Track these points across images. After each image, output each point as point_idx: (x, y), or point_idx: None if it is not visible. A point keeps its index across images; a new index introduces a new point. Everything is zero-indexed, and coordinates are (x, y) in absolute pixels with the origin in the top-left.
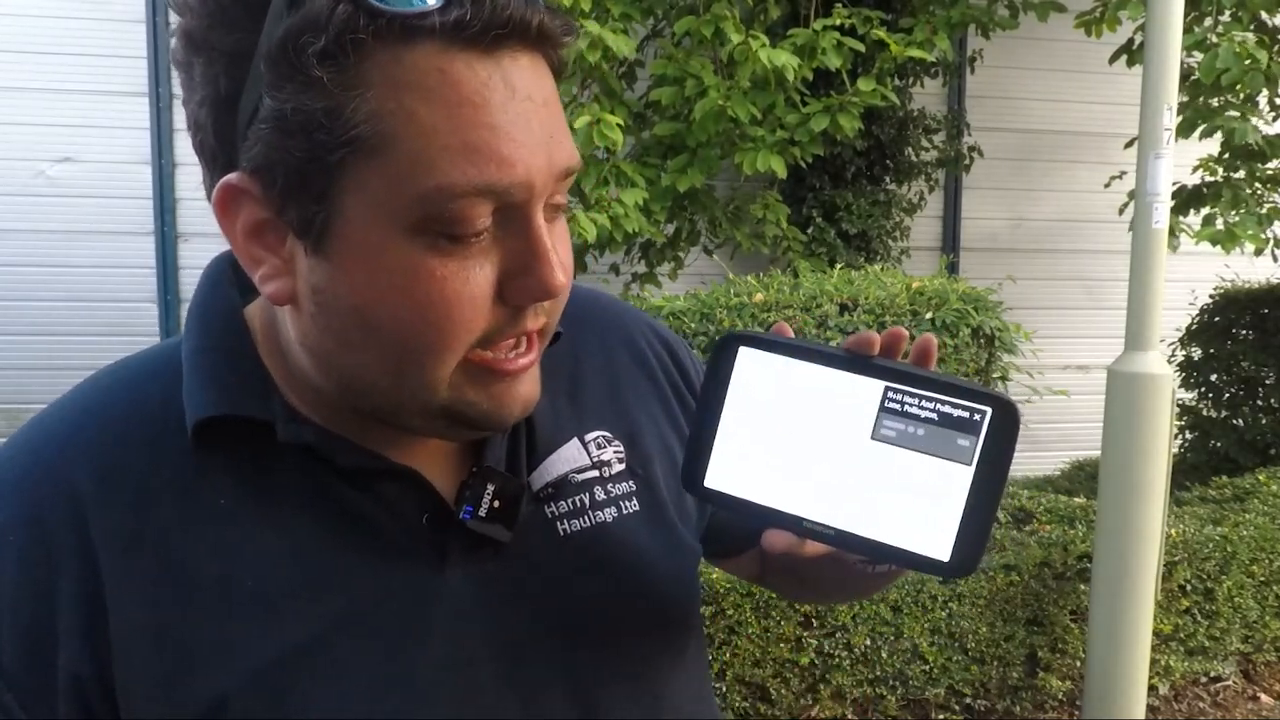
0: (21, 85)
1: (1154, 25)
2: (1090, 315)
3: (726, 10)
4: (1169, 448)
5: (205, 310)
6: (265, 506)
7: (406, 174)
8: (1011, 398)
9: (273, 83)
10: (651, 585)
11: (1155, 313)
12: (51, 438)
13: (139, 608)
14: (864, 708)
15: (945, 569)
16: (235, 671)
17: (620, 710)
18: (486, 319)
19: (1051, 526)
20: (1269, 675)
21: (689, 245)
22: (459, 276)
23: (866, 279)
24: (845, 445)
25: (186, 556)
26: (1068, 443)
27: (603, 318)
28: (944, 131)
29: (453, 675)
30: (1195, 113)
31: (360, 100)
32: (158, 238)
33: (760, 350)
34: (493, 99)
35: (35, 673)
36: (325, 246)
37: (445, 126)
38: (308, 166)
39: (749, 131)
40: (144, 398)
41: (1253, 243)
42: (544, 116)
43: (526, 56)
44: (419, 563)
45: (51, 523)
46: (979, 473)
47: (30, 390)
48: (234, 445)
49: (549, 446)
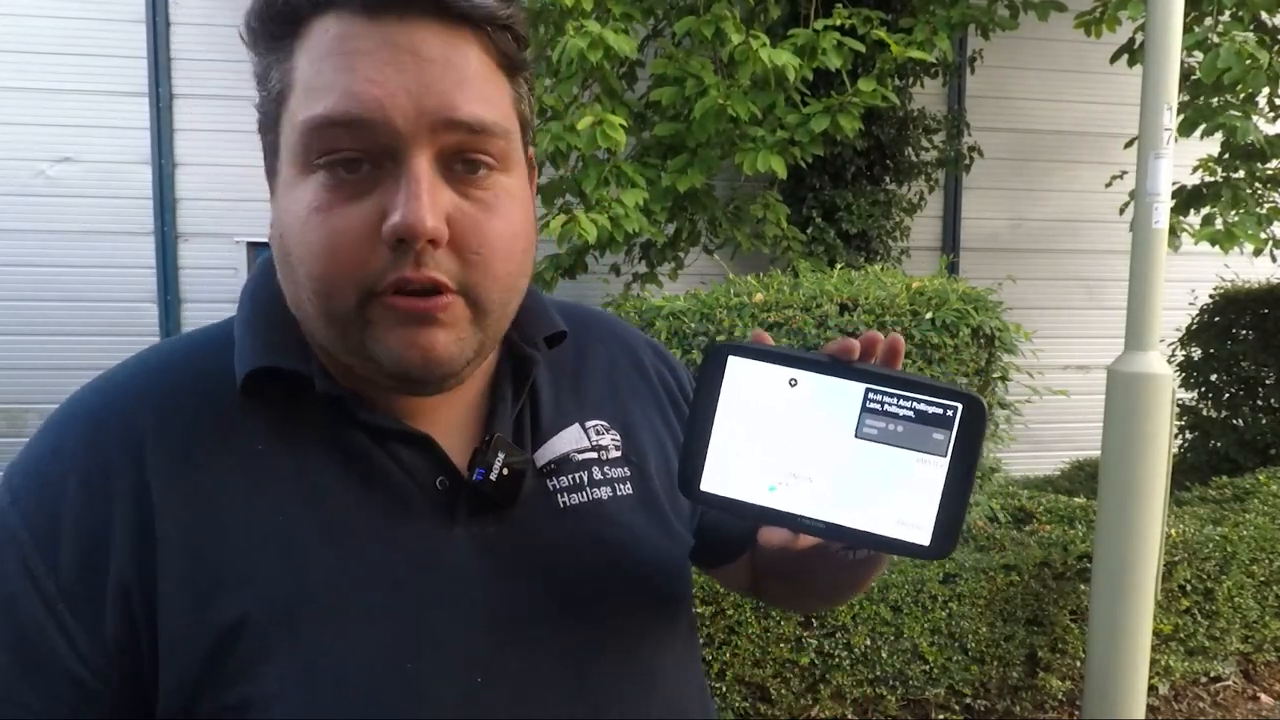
0: (21, 85)
1: (1154, 25)
2: (1090, 315)
3: (727, 10)
4: (1169, 448)
5: (255, 290)
6: (295, 454)
7: (294, 114)
8: (977, 394)
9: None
10: (641, 563)
11: (1155, 313)
12: (117, 387)
13: (180, 529)
14: (864, 708)
15: (926, 552)
16: (255, 600)
17: (612, 680)
18: (367, 254)
19: (1051, 526)
20: (1269, 675)
21: (689, 245)
22: (339, 210)
23: (866, 279)
24: (831, 444)
25: (223, 489)
26: (1068, 443)
27: (607, 330)
28: (944, 131)
29: (458, 625)
30: (1196, 112)
31: (280, 61)
32: (158, 238)
33: (748, 359)
34: (360, 48)
35: (89, 584)
36: (276, 186)
37: (316, 70)
38: (265, 121)
39: (749, 131)
40: (199, 359)
41: (1252, 243)
42: (426, 69)
43: (427, 27)
44: (429, 520)
45: (114, 453)
46: (953, 463)
47: (30, 390)
48: (274, 400)
49: (553, 428)
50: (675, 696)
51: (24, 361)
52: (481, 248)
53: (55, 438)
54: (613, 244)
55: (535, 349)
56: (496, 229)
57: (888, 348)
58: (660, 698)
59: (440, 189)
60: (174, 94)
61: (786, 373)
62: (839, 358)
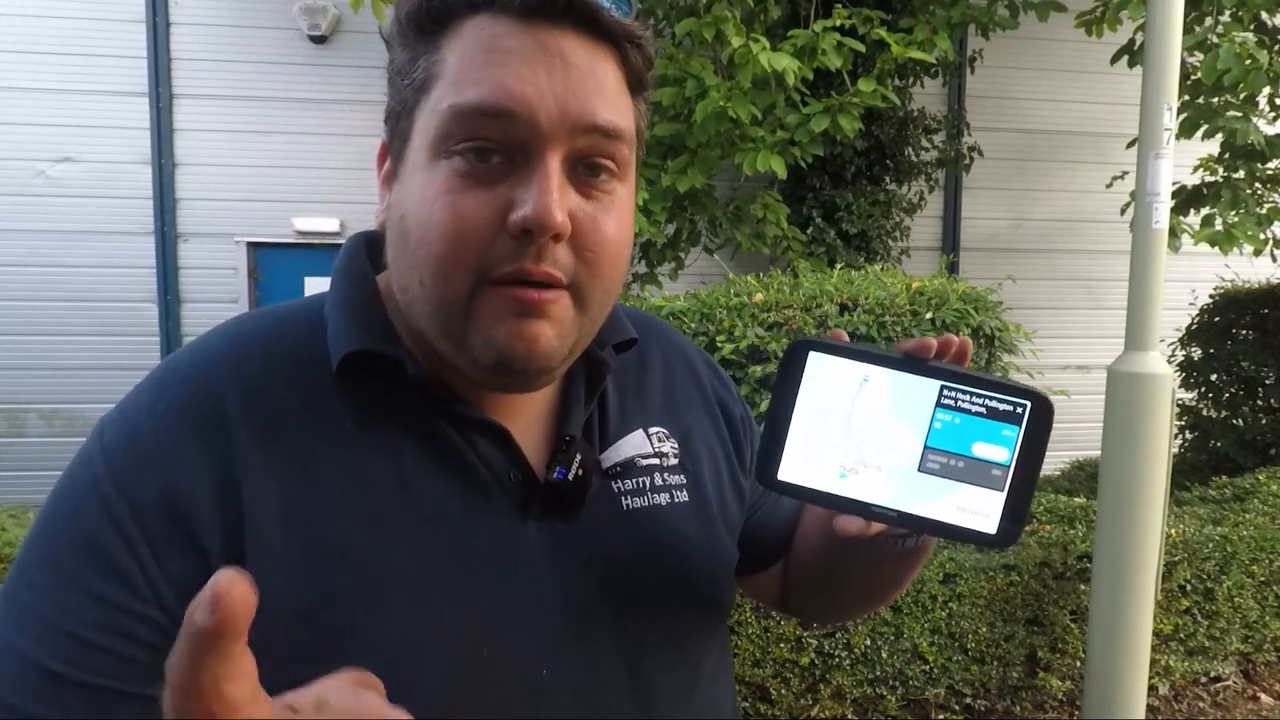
0: (21, 85)
1: (1154, 25)
2: (1090, 315)
3: (727, 11)
4: (1169, 448)
5: (347, 272)
6: (383, 436)
7: (438, 102)
8: (1045, 392)
9: (392, 44)
10: (693, 570)
11: (1155, 313)
12: (213, 356)
13: (270, 499)
14: (864, 708)
15: (992, 540)
16: (341, 575)
17: (662, 676)
18: (489, 242)
19: (1051, 526)
20: (1269, 675)
21: (689, 245)
22: (467, 195)
23: (866, 279)
24: (905, 436)
25: (316, 465)
26: (1068, 443)
27: (665, 338)
28: (944, 131)
29: (529, 617)
30: (1196, 112)
31: (428, 53)
32: (158, 238)
33: (827, 355)
34: (513, 47)
35: (171, 535)
36: (401, 170)
37: (467, 63)
38: (399, 109)
39: (749, 132)
40: (290, 334)
41: (1251, 243)
42: (571, 75)
43: (575, 36)
44: (506, 512)
45: (204, 419)
46: (1020, 457)
47: (30, 390)
48: (362, 382)
49: (619, 432)
50: (712, 700)
51: (24, 361)
52: (596, 247)
53: (151, 396)
54: None
55: (606, 354)
56: (610, 231)
57: (959, 349)
58: (700, 700)
59: (566, 187)
60: (174, 94)
61: (863, 369)
62: (915, 355)
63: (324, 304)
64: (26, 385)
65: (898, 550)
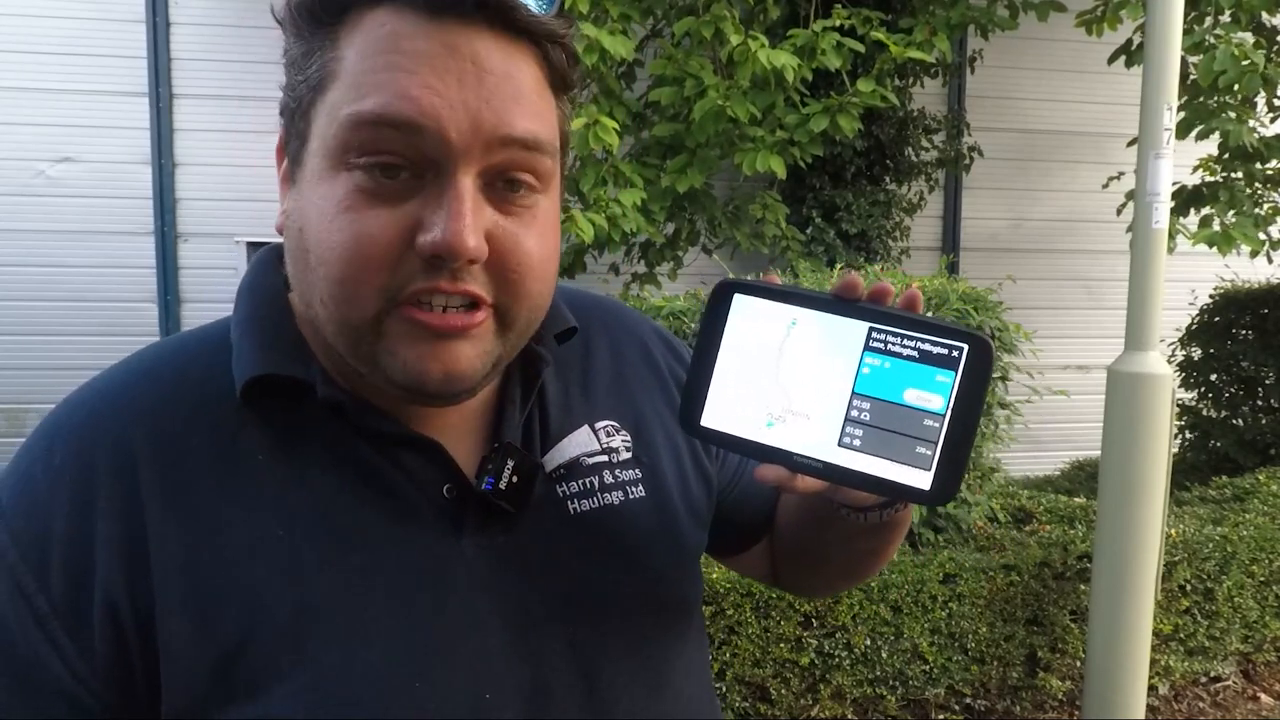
0: (21, 85)
1: (1154, 25)
2: (1090, 315)
3: (726, 11)
4: (1169, 448)
5: (253, 288)
6: (297, 465)
7: (335, 107)
8: (984, 334)
9: (285, 30)
10: (652, 569)
11: (1155, 313)
12: (108, 397)
13: (178, 547)
14: (864, 708)
15: (926, 496)
16: (259, 617)
17: (623, 687)
18: (395, 263)
19: (1051, 526)
20: (1269, 675)
21: (688, 245)
22: (369, 214)
23: (866, 279)
24: (832, 383)
25: (222, 504)
26: (1068, 443)
27: (611, 319)
28: (944, 131)
29: (466, 640)
30: (1193, 113)
31: (324, 48)
32: (157, 238)
33: (753, 296)
34: (420, 50)
35: (79, 601)
36: (298, 175)
37: (369, 66)
38: (295, 106)
39: (748, 132)
40: (193, 365)
41: (1249, 244)
42: (485, 82)
43: (489, 36)
44: (437, 530)
45: (101, 469)
46: (957, 406)
47: (30, 390)
48: (273, 407)
49: (561, 431)
50: (685, 699)
51: (24, 361)
52: (519, 267)
53: (45, 451)
54: (610, 244)
55: (544, 347)
56: (532, 249)
57: (906, 300)
58: (670, 700)
59: (482, 206)
60: (174, 94)
61: (789, 310)
62: (843, 296)
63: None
64: (26, 385)
65: (863, 523)
